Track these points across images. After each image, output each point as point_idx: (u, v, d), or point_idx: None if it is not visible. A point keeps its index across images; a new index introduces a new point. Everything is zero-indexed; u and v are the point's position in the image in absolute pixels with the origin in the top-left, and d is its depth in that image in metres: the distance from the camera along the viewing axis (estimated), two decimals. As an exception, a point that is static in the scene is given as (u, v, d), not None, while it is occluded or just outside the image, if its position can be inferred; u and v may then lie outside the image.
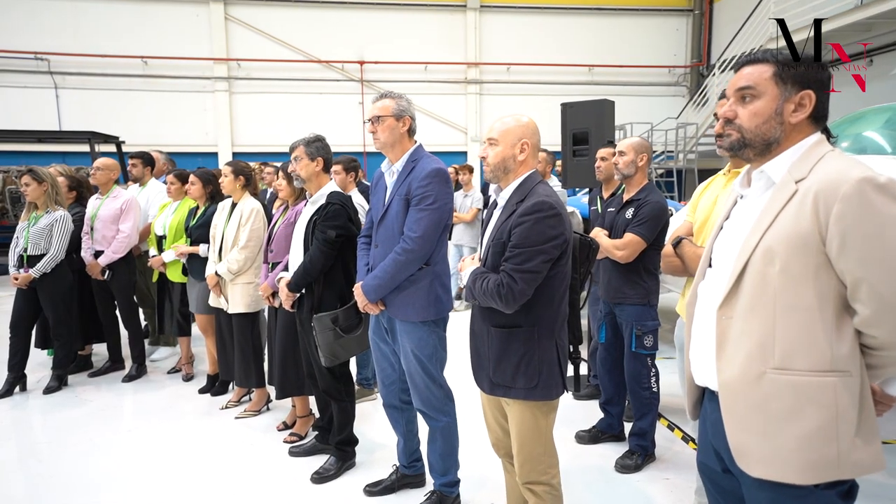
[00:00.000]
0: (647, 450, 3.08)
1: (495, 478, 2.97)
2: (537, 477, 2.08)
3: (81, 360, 4.76)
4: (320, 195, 2.96)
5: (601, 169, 3.65)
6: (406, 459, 2.88)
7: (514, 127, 2.04)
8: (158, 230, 4.46)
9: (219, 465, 3.20)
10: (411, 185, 2.44)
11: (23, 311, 4.21)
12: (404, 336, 2.53)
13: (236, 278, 3.72)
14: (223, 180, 3.80)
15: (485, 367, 2.07)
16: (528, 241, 1.89)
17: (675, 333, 2.25)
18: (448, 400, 2.65)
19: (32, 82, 12.56)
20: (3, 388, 4.18)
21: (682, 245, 2.10)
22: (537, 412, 2.02)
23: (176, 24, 13.16)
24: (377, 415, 3.80)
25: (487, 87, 14.55)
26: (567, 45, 14.41)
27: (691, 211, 2.23)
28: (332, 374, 3.00)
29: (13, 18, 12.40)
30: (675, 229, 2.26)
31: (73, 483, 3.02)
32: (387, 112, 2.49)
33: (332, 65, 13.80)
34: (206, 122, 13.52)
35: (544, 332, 1.98)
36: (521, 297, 1.90)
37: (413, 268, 2.44)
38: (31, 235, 4.15)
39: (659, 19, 14.63)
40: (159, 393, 4.34)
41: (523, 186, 2.03)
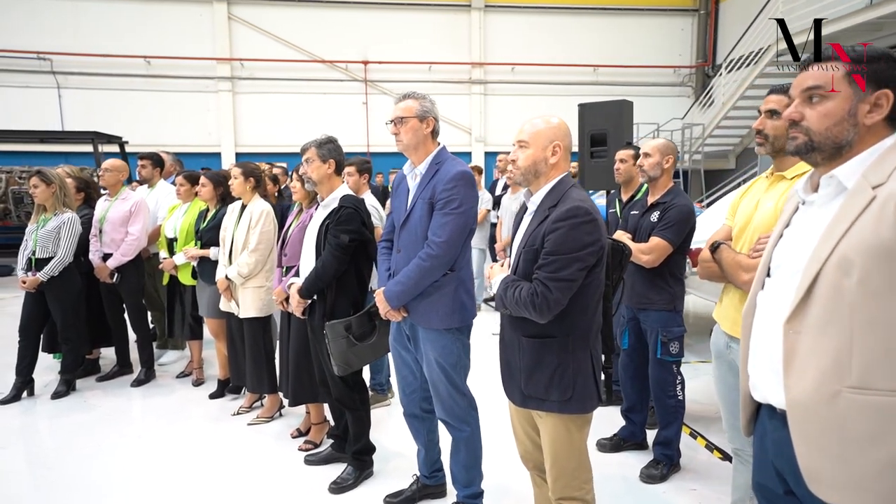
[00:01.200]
0: (672, 459, 3.01)
1: (518, 489, 2.91)
2: (572, 492, 2.00)
3: (89, 364, 4.68)
4: (332, 198, 2.88)
5: (621, 171, 3.57)
6: (427, 469, 2.81)
7: (546, 129, 1.97)
8: (169, 232, 4.38)
9: (233, 473, 3.13)
10: (436, 189, 2.37)
11: (32, 315, 4.13)
12: (427, 344, 2.45)
13: (247, 282, 3.65)
14: (233, 182, 3.73)
15: (516, 378, 1.99)
16: (563, 248, 1.81)
17: (712, 340, 2.18)
18: (472, 409, 2.58)
19: (35, 82, 12.49)
20: (10, 393, 4.10)
21: (720, 250, 2.03)
22: (571, 426, 1.95)
23: (179, 24, 13.10)
24: (391, 421, 3.73)
25: (492, 88, 14.49)
26: (572, 45, 14.34)
27: (730, 215, 2.16)
28: (345, 382, 2.92)
29: (15, 18, 12.33)
30: (714, 233, 2.19)
31: (81, 489, 2.95)
32: (410, 113, 2.42)
33: (335, 65, 13.74)
34: (210, 123, 13.46)
35: (578, 343, 1.91)
36: (556, 307, 1.82)
37: (438, 274, 2.37)
38: (40, 238, 4.08)
39: (664, 19, 14.57)
40: (169, 398, 4.26)
41: (556, 190, 1.96)
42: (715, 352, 2.16)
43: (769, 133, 2.01)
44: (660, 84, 14.48)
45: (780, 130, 1.93)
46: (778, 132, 1.95)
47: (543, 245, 1.86)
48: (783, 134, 1.89)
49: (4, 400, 4.07)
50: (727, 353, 2.08)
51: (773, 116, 1.99)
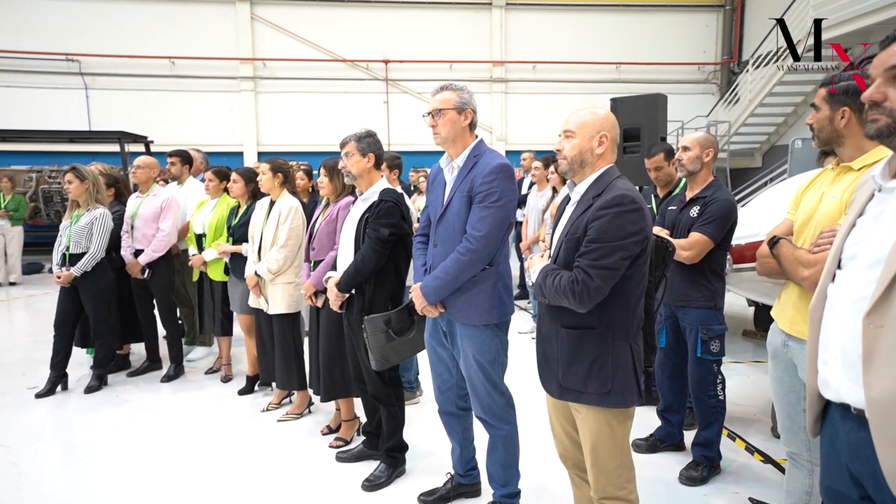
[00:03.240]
0: (713, 461, 2.92)
1: (555, 489, 2.86)
2: (614, 491, 1.95)
3: (120, 359, 4.73)
4: (372, 192, 2.85)
5: (658, 178, 3.53)
6: (462, 468, 2.76)
7: (593, 119, 1.95)
8: (198, 228, 4.41)
9: (264, 469, 3.12)
10: (474, 182, 2.32)
11: (66, 310, 4.18)
12: (465, 340, 2.41)
13: (276, 278, 3.64)
14: (261, 178, 3.73)
15: (553, 370, 1.96)
16: (606, 236, 1.79)
17: (769, 339, 2.10)
18: (509, 407, 2.53)
19: (64, 83, 12.71)
20: (45, 387, 4.15)
21: (779, 245, 1.96)
22: (612, 420, 1.90)
23: (203, 25, 13.23)
24: (421, 419, 3.69)
25: (513, 86, 14.41)
26: (594, 42, 14.20)
27: (792, 209, 2.08)
28: (382, 378, 2.89)
29: (46, 21, 12.57)
30: (774, 228, 2.11)
31: (114, 482, 2.96)
32: (448, 105, 2.38)
33: (356, 64, 13.76)
34: (232, 122, 13.57)
35: (618, 335, 1.87)
36: (597, 295, 1.79)
37: (476, 268, 2.33)
38: (73, 234, 4.12)
39: (688, 15, 14.35)
40: (198, 393, 4.28)
41: (601, 180, 1.93)
42: (771, 351, 2.08)
43: (812, 124, 1.97)
44: (684, 81, 14.26)
45: (821, 122, 1.92)
46: (819, 124, 1.93)
47: (586, 233, 1.83)
48: (825, 126, 1.89)
49: (40, 394, 4.12)
50: (784, 352, 2.00)
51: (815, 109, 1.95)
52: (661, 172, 3.51)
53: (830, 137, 1.91)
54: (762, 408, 3.76)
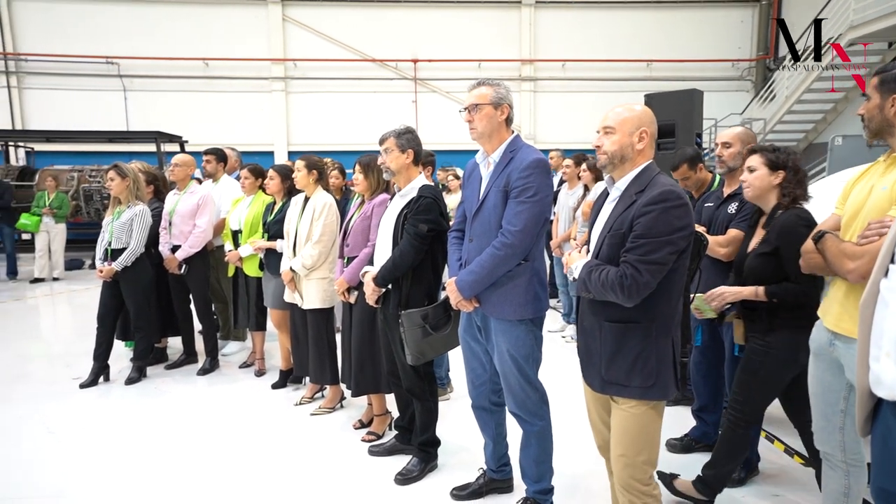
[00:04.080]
0: (750, 462, 2.87)
1: (587, 485, 2.84)
2: (638, 486, 1.97)
3: (158, 352, 4.85)
4: (411, 188, 2.87)
5: (687, 188, 3.46)
6: (494, 463, 2.77)
7: (632, 115, 1.96)
8: (234, 225, 4.50)
9: (298, 461, 3.18)
10: (510, 177, 2.33)
11: (108, 304, 4.31)
12: (499, 335, 2.41)
13: (310, 273, 3.70)
14: (296, 175, 3.79)
15: (596, 364, 1.98)
16: (654, 232, 1.80)
17: (812, 336, 2.06)
18: (543, 403, 2.52)
19: (103, 85, 13.12)
20: (89, 378, 4.30)
21: (824, 240, 1.91)
22: (652, 413, 1.93)
23: (236, 27, 13.50)
24: (453, 415, 3.70)
25: (542, 85, 14.34)
26: (625, 40, 14.03)
27: (840, 203, 2.03)
28: (417, 372, 2.91)
29: (87, 26, 12.99)
30: (821, 223, 2.07)
31: (154, 470, 3.05)
32: (484, 100, 2.38)
33: (385, 63, 13.87)
34: (263, 122, 13.82)
35: (661, 329, 1.90)
36: (645, 290, 1.81)
37: (512, 263, 2.33)
38: (115, 229, 4.25)
39: (723, 11, 14.08)
40: (233, 386, 4.37)
41: (642, 176, 1.94)
42: (814, 349, 2.04)
43: (863, 114, 1.92)
44: (717, 78, 13.98)
45: (871, 111, 1.88)
46: (870, 113, 1.89)
47: (632, 229, 1.84)
48: (875, 115, 1.86)
49: (84, 384, 4.27)
50: (830, 350, 1.96)
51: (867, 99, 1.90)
52: (690, 181, 3.46)
53: (881, 127, 1.85)
54: (801, 410, 3.67)
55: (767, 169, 2.43)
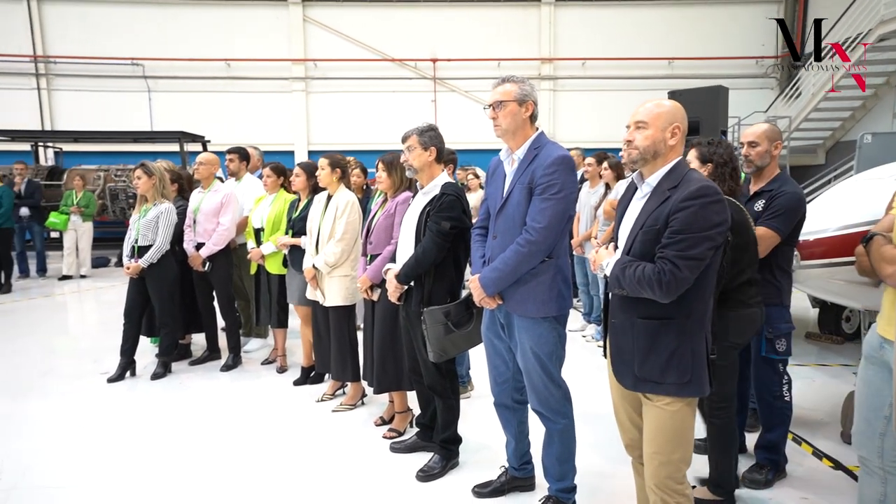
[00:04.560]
0: (778, 464, 2.82)
1: (610, 486, 2.82)
2: (673, 484, 1.95)
3: (182, 348, 4.92)
4: (433, 185, 2.88)
5: None
6: (516, 461, 2.76)
7: (665, 111, 1.95)
8: (256, 223, 4.55)
9: (319, 457, 3.20)
10: (535, 173, 2.32)
11: (134, 300, 4.39)
12: (523, 332, 2.41)
13: (333, 271, 3.72)
14: (320, 173, 3.82)
15: (628, 361, 1.96)
16: (692, 227, 1.80)
17: (866, 339, 2.00)
18: (566, 401, 2.51)
19: (129, 86, 13.37)
20: (116, 373, 4.38)
21: (872, 241, 1.87)
22: (687, 409, 1.92)
23: (257, 28, 13.65)
24: (474, 413, 3.70)
25: (561, 84, 14.27)
26: (646, 37, 13.90)
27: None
28: (438, 369, 2.91)
29: (114, 28, 13.25)
30: (877, 224, 2.01)
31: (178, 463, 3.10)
32: (509, 97, 2.38)
33: (405, 63, 13.91)
34: (284, 121, 13.95)
35: (696, 326, 1.89)
36: (684, 285, 1.81)
37: (535, 260, 2.32)
38: (142, 227, 4.32)
39: (747, 7, 13.86)
40: (255, 382, 4.42)
41: (674, 172, 1.94)
42: (866, 351, 1.99)
43: None
44: (741, 76, 13.76)
45: None
46: None
47: (668, 225, 1.83)
48: None
49: (111, 378, 4.35)
50: (881, 354, 1.91)
51: None
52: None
53: None
54: (830, 412, 3.60)
55: (699, 162, 2.57)
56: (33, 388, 4.30)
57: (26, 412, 3.85)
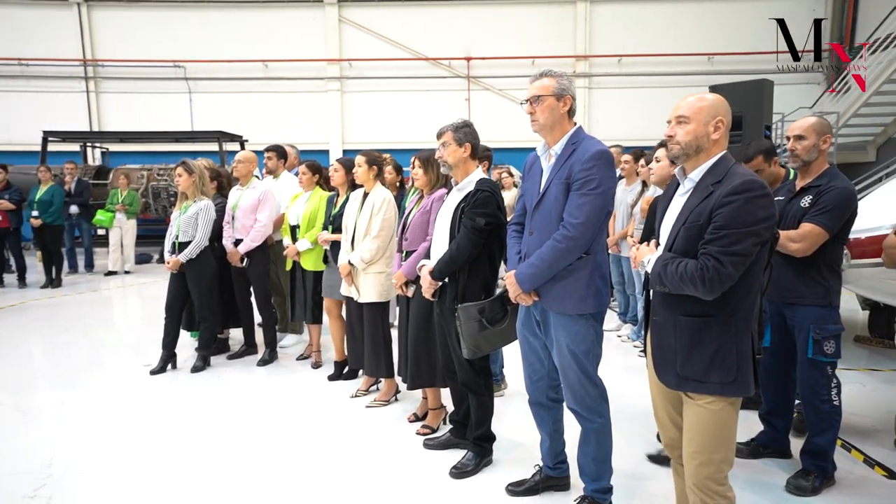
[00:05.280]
0: (826, 471, 2.71)
1: (646, 489, 2.77)
2: (713, 486, 1.89)
3: (220, 342, 5.03)
4: (468, 182, 2.86)
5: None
6: (551, 460, 2.72)
7: (708, 104, 1.91)
8: (292, 220, 4.61)
9: (353, 452, 3.22)
10: (573, 169, 2.28)
11: (175, 294, 4.51)
12: (559, 330, 2.37)
13: (368, 267, 3.75)
14: (357, 170, 3.84)
15: (670, 360, 1.92)
16: (737, 222, 1.75)
17: None
18: (603, 400, 2.46)
19: (171, 88, 13.77)
20: (158, 365, 4.51)
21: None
22: (730, 409, 1.87)
23: (294, 29, 13.88)
24: (507, 412, 3.68)
25: (597, 81, 14.08)
26: (685, 33, 13.59)
27: None
28: (472, 366, 2.90)
29: (158, 32, 13.68)
30: None
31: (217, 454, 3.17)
32: (546, 91, 2.34)
33: (439, 62, 13.93)
34: (319, 121, 14.15)
35: (741, 324, 1.84)
36: (728, 282, 1.77)
37: (573, 256, 2.28)
38: (182, 223, 4.43)
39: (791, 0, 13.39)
40: (291, 377, 4.49)
41: (718, 167, 1.89)
42: None
43: None
44: (784, 71, 13.31)
45: None
46: None
47: (711, 220, 1.79)
48: None
49: (154, 371, 4.48)
50: None
51: None
52: (763, 175, 3.27)
53: None
54: (882, 419, 3.45)
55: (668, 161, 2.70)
56: (82, 378, 4.46)
57: (76, 400, 3.99)
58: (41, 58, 13.57)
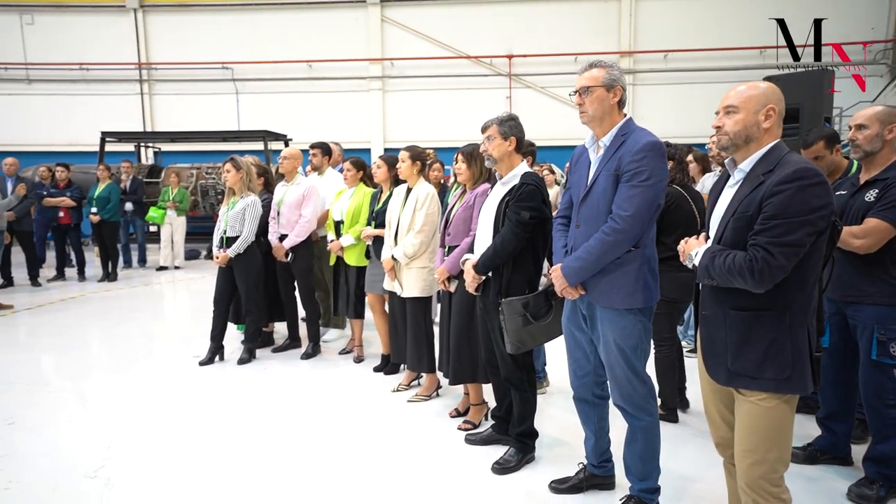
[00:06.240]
0: (891, 480, 2.56)
1: (695, 490, 2.69)
2: (768, 487, 1.82)
3: (265, 336, 5.14)
4: (513, 175, 2.83)
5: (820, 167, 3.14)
6: (595, 458, 2.67)
7: (758, 93, 1.85)
8: (336, 216, 4.67)
9: (396, 446, 3.24)
10: (622, 160, 2.23)
11: (223, 288, 4.63)
12: (606, 324, 2.32)
13: (411, 262, 3.76)
14: (400, 165, 3.86)
15: (720, 355, 1.86)
16: (788, 212, 1.68)
17: None
18: (650, 397, 2.40)
19: (219, 89, 14.19)
20: (207, 356, 4.65)
21: None
22: (785, 406, 1.79)
23: (337, 29, 14.08)
24: (550, 410, 3.64)
25: (641, 77, 13.76)
26: (734, 26, 13.14)
27: None
28: (516, 361, 2.87)
29: (207, 35, 14.11)
30: None
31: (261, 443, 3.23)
32: (596, 82, 2.30)
33: (480, 60, 13.89)
34: (361, 119, 14.31)
35: (797, 318, 1.76)
36: (779, 273, 1.69)
37: (621, 250, 2.23)
38: (230, 218, 4.55)
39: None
40: (334, 371, 4.55)
41: (770, 156, 1.82)
42: None
43: None
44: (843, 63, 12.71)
45: None
46: None
47: (761, 210, 1.73)
48: None
49: (202, 362, 4.62)
50: None
51: None
52: (822, 162, 3.12)
53: None
54: (950, 427, 3.24)
55: None
56: (136, 367, 4.64)
57: (131, 388, 4.15)
58: (100, 62, 14.18)
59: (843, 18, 12.78)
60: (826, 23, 12.75)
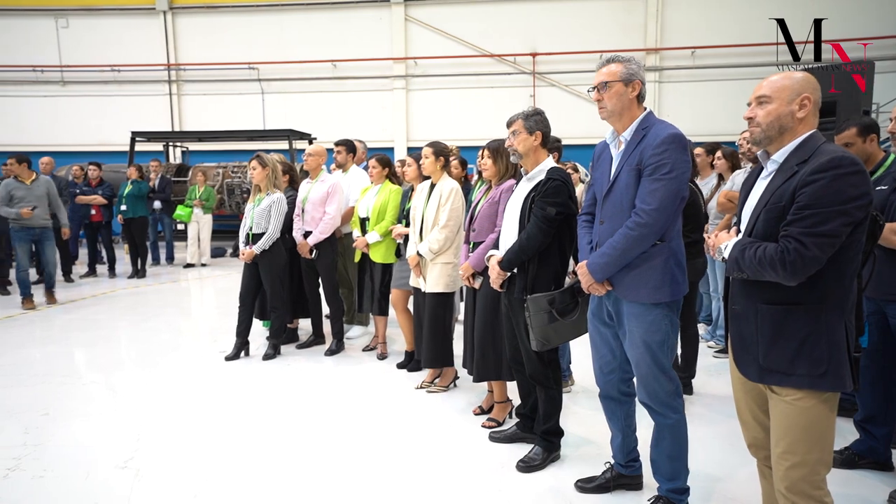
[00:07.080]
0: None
1: (725, 490, 2.62)
2: (809, 489, 1.74)
3: (290, 332, 5.19)
4: (539, 171, 2.80)
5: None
6: (623, 458, 2.62)
7: (792, 82, 1.78)
8: (362, 212, 4.68)
9: (419, 443, 3.23)
10: (644, 154, 2.19)
11: (248, 285, 4.68)
12: (632, 320, 2.28)
13: (436, 258, 3.75)
14: (424, 161, 3.86)
15: (751, 350, 1.80)
16: (822, 201, 1.62)
17: None
18: (677, 395, 2.35)
19: (245, 89, 14.38)
20: (232, 352, 4.70)
21: None
22: (823, 406, 1.71)
23: (361, 29, 14.14)
24: (576, 408, 3.59)
25: (667, 75, 13.53)
26: (764, 22, 12.79)
27: None
28: (541, 358, 2.83)
29: (234, 35, 14.31)
30: None
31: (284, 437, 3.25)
32: (614, 77, 2.26)
33: (503, 59, 13.83)
34: (385, 118, 14.36)
35: (834, 312, 1.69)
36: (813, 265, 1.63)
37: (646, 244, 2.19)
38: (256, 215, 4.59)
39: (887, -18, 12.40)
40: (357, 367, 4.56)
41: (805, 146, 1.76)
42: None
43: None
44: (882, 58, 12.30)
45: None
46: None
47: (794, 201, 1.67)
48: None
49: (228, 357, 4.68)
50: None
51: None
52: (853, 150, 3.00)
53: None
54: None
55: None
56: (165, 361, 4.72)
57: (159, 382, 4.22)
58: (130, 64, 14.49)
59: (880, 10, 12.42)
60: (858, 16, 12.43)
